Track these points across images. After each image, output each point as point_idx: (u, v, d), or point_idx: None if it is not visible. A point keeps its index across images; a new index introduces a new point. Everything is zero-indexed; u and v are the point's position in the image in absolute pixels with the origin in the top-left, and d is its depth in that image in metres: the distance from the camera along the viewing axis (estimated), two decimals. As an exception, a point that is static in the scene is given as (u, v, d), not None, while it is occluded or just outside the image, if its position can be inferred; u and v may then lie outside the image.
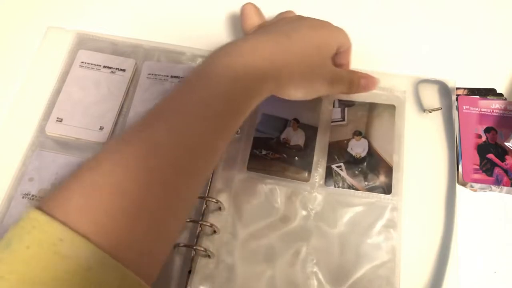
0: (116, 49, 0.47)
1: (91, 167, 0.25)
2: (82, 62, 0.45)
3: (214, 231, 0.38)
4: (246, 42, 0.32)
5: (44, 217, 0.23)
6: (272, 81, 0.32)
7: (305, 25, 0.36)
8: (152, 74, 0.45)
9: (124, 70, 0.45)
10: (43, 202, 0.24)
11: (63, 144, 0.42)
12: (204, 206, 0.39)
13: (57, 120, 0.43)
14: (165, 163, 0.26)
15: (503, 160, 0.40)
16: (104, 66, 0.45)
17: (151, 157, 0.26)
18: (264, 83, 0.31)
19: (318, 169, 0.40)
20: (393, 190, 0.39)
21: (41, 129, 0.43)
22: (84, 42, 0.47)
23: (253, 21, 0.42)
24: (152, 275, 0.26)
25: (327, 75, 0.37)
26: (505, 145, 0.40)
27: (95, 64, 0.45)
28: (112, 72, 0.45)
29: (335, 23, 0.38)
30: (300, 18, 0.38)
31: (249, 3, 0.42)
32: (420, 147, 0.41)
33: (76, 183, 0.25)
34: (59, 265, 0.22)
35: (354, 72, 0.39)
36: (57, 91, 0.44)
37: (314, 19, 0.37)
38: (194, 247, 0.37)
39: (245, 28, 0.42)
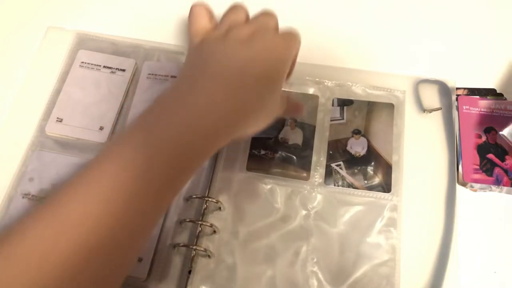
0: (116, 49, 0.47)
1: (12, 238, 0.25)
2: (82, 62, 0.45)
3: (214, 231, 0.38)
4: (197, 97, 0.30)
5: None
6: (225, 136, 0.31)
7: (261, 47, 0.32)
8: (152, 74, 0.45)
9: (124, 70, 0.45)
10: None
11: (63, 144, 0.42)
12: (204, 206, 0.39)
13: (57, 120, 0.43)
14: (101, 235, 0.25)
15: (503, 160, 0.40)
16: (104, 66, 0.45)
17: (83, 230, 0.25)
18: (216, 140, 0.30)
19: (318, 168, 0.40)
20: (392, 189, 0.39)
21: (41, 129, 0.43)
22: (84, 42, 0.47)
23: (202, 25, 0.36)
24: None
25: (279, 102, 0.35)
26: (500, 134, 0.40)
27: (95, 64, 0.45)
28: (112, 72, 0.45)
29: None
30: (254, 34, 0.32)
31: (200, 4, 0.38)
32: (420, 147, 0.41)
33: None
34: None
35: (287, 97, 0.38)
36: (57, 91, 0.44)
37: (270, 30, 0.33)
38: (194, 247, 0.37)
39: (192, 32, 0.36)
